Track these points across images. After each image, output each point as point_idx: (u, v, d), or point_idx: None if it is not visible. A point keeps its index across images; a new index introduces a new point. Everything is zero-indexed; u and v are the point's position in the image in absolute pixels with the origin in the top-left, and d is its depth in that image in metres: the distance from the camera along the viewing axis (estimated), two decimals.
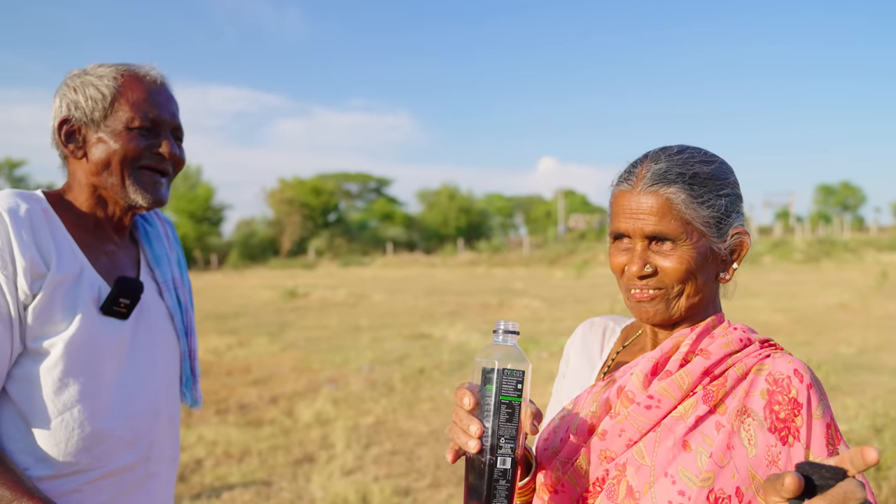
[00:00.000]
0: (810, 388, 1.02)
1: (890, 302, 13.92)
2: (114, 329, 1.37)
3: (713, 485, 0.98)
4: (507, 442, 0.97)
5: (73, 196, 1.44)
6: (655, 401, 1.04)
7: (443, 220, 54.84)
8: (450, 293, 18.71)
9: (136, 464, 1.41)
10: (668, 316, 1.10)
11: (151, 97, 1.43)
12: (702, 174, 1.08)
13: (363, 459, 5.16)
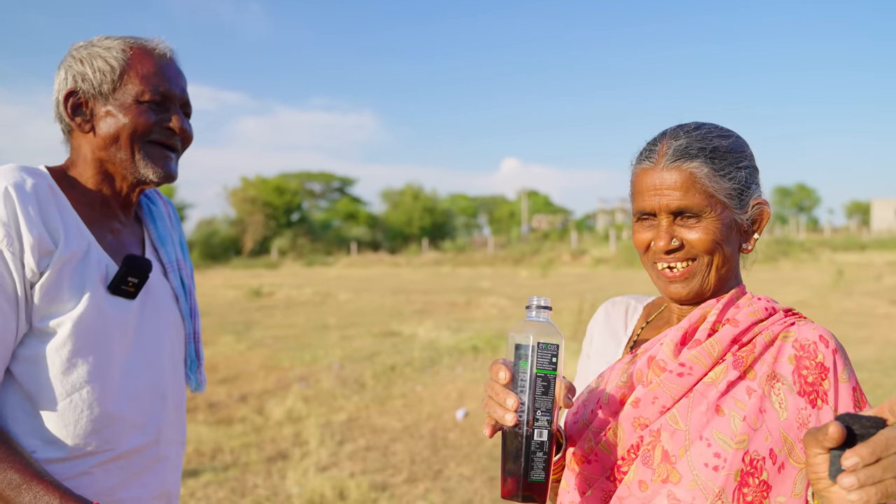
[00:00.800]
0: (835, 353, 1.05)
1: (846, 299, 14.30)
2: (121, 309, 1.34)
3: (748, 447, 1.00)
4: (544, 415, 0.98)
5: (77, 172, 1.40)
6: (687, 368, 1.05)
7: (407, 220, 54.68)
8: (416, 292, 18.68)
9: (146, 447, 1.38)
10: (700, 292, 1.12)
11: (161, 71, 1.39)
12: (721, 148, 1.11)
13: (338, 456, 5.13)
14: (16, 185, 1.23)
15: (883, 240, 39.70)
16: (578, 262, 31.63)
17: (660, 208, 1.11)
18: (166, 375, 1.43)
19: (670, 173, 1.10)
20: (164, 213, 1.56)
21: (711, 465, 1.00)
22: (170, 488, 1.45)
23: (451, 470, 4.82)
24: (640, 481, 1.04)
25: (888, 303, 13.59)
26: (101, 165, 1.39)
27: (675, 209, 1.10)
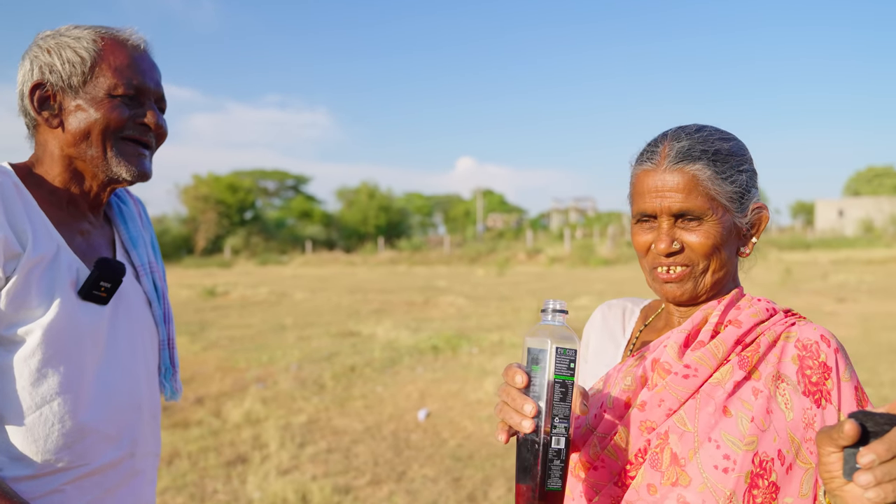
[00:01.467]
0: (837, 353, 1.05)
1: (795, 297, 14.69)
2: (93, 315, 1.26)
3: (757, 448, 0.99)
4: (561, 421, 0.95)
5: (43, 170, 1.31)
6: (692, 370, 1.04)
7: (362, 219, 54.33)
8: (373, 291, 18.56)
9: (121, 460, 1.30)
10: (695, 294, 1.11)
11: (135, 63, 1.31)
12: (723, 151, 1.10)
13: (299, 459, 5.04)
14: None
15: (826, 239, 41.02)
16: (534, 260, 31.86)
17: (661, 210, 1.09)
18: (141, 384, 1.36)
19: (673, 175, 1.08)
20: (134, 214, 1.48)
21: (721, 468, 0.99)
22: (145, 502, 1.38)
23: (414, 471, 4.78)
24: (648, 485, 1.02)
25: (834, 300, 14.01)
26: (70, 163, 1.30)
27: (676, 211, 1.08)
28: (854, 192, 68.41)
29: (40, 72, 1.29)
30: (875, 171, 68.64)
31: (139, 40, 1.35)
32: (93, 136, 1.28)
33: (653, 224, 1.12)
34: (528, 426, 0.93)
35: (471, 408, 6.24)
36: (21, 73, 1.31)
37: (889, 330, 10.25)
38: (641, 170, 1.13)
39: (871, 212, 52.46)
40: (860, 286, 17.03)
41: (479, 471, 4.74)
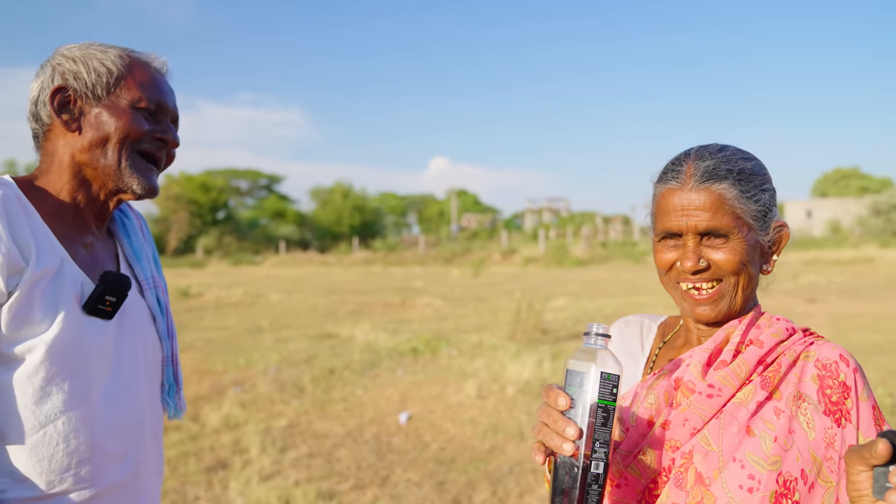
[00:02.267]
0: (856, 373, 1.07)
1: (768, 298, 14.78)
2: (98, 330, 1.23)
3: (780, 468, 1.00)
4: (602, 446, 0.95)
5: (48, 180, 1.29)
6: (716, 389, 1.05)
7: (336, 219, 54.09)
8: (349, 292, 18.49)
9: (126, 481, 1.28)
10: (728, 313, 1.12)
11: (157, 82, 1.36)
12: (747, 170, 1.12)
13: (280, 463, 4.99)
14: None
15: (796, 239, 41.18)
16: (509, 261, 31.98)
17: (687, 229, 1.10)
18: (143, 402, 1.33)
19: (699, 194, 1.09)
20: (136, 227, 1.46)
21: (746, 487, 1.00)
22: None
23: (398, 476, 4.76)
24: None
25: (805, 301, 14.26)
26: (80, 170, 1.29)
27: (703, 230, 1.09)
28: (821, 193, 69.61)
29: (63, 78, 1.29)
30: (842, 172, 69.94)
31: (162, 64, 1.39)
32: (110, 143, 1.28)
33: (677, 242, 1.13)
34: (569, 449, 0.93)
35: (452, 410, 6.24)
36: (39, 80, 1.31)
37: (860, 330, 10.45)
38: (666, 188, 1.13)
39: (839, 213, 53.48)
40: (830, 287, 17.35)
41: (462, 475, 4.74)
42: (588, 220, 58.62)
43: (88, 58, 1.29)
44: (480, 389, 6.78)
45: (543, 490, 4.44)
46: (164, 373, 1.42)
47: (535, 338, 9.61)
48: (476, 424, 5.80)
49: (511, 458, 5.05)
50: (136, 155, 1.31)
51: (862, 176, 68.57)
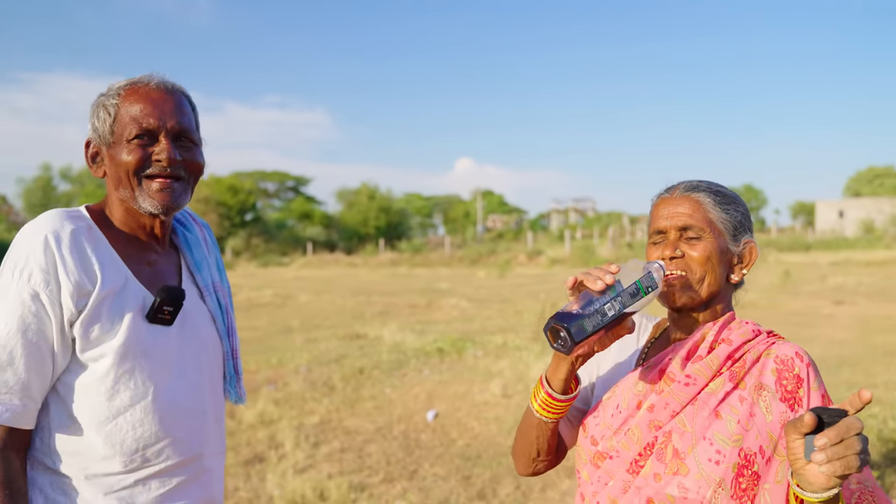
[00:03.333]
0: (809, 367, 1.28)
1: (793, 299, 14.89)
2: (160, 335, 1.45)
3: (742, 444, 1.21)
4: (622, 302, 1.18)
5: (110, 211, 1.51)
6: (692, 379, 1.27)
7: (362, 220, 54.44)
8: (376, 293, 18.76)
9: (190, 461, 1.50)
10: (692, 297, 1.34)
11: (148, 106, 1.45)
12: (723, 191, 1.39)
13: (314, 458, 5.23)
14: (54, 233, 1.35)
15: (826, 240, 41.19)
16: (534, 262, 32.05)
17: (670, 226, 1.36)
18: (205, 393, 1.55)
19: (681, 201, 1.37)
20: (198, 238, 1.66)
21: (714, 461, 1.21)
22: (214, 496, 1.57)
23: (425, 470, 4.98)
24: (655, 474, 1.25)
25: (832, 303, 14.21)
26: (123, 203, 1.49)
27: (681, 226, 1.35)
28: (854, 192, 68.58)
29: (89, 131, 1.50)
30: (875, 171, 68.83)
31: (157, 84, 1.48)
32: (122, 179, 1.46)
33: (663, 238, 1.38)
34: (600, 285, 1.18)
35: (477, 409, 6.44)
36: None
37: (885, 332, 10.45)
38: (659, 199, 1.42)
39: (872, 212, 52.62)
40: (858, 288, 17.23)
41: (487, 469, 4.94)
42: (614, 221, 58.42)
43: (98, 107, 1.48)
44: (505, 389, 6.97)
45: (565, 485, 4.63)
46: (226, 366, 1.64)
47: None
48: (501, 422, 5.99)
49: None
50: (145, 179, 1.45)
51: None
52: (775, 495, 1.21)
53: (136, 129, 1.43)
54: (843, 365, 8.12)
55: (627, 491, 1.27)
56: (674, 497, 1.22)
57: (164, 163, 1.44)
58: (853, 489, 1.22)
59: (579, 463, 1.39)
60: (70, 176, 56.10)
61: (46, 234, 1.34)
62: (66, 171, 56.18)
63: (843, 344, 9.61)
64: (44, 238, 1.34)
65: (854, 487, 1.22)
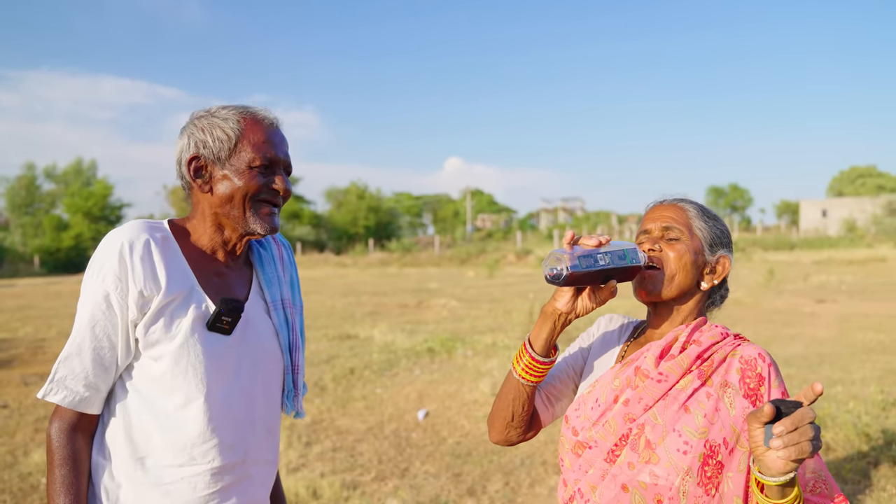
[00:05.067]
0: (770, 367, 1.40)
1: (777, 298, 15.11)
2: (218, 343, 1.54)
3: (708, 436, 1.35)
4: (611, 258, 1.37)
5: (194, 224, 1.61)
6: (664, 376, 1.41)
7: (352, 220, 54.41)
8: (366, 294, 18.85)
9: (234, 465, 1.58)
10: (659, 293, 1.49)
11: (269, 138, 1.59)
12: (707, 209, 1.55)
13: (306, 457, 5.33)
14: (129, 242, 1.47)
15: (810, 239, 41.66)
16: (524, 262, 32.21)
17: (655, 227, 1.52)
18: (258, 403, 1.62)
19: (668, 207, 1.54)
20: (274, 257, 1.75)
21: (681, 451, 1.34)
22: (255, 502, 1.65)
23: (416, 468, 5.09)
24: (629, 462, 1.38)
25: (814, 301, 14.45)
26: (216, 218, 1.59)
27: (664, 226, 1.50)
28: (837, 192, 69.22)
29: (195, 147, 1.57)
30: (858, 171, 69.49)
31: (273, 119, 1.63)
32: (235, 199, 1.56)
33: (648, 237, 1.53)
34: (594, 241, 1.37)
35: (468, 408, 6.55)
36: (180, 146, 1.61)
37: (864, 330, 10.66)
38: (650, 206, 1.58)
39: (854, 212, 53.20)
40: (840, 287, 17.50)
41: (477, 467, 5.06)
42: (603, 220, 58.75)
43: (213, 126, 1.57)
44: (494, 388, 7.09)
45: (553, 480, 4.77)
46: (285, 380, 1.71)
47: None
48: None
49: (522, 451, 5.36)
50: (257, 203, 1.58)
51: (879, 174, 68.02)
52: (737, 482, 1.33)
53: (261, 160, 1.56)
54: (824, 362, 8.31)
55: (605, 478, 1.40)
56: (645, 483, 1.35)
57: (281, 194, 1.61)
58: (808, 478, 1.35)
59: (562, 451, 1.52)
60: (54, 175, 55.77)
61: (122, 242, 1.47)
62: (51, 169, 55.83)
63: (823, 341, 9.81)
64: (120, 245, 1.46)
65: (809, 476, 1.35)
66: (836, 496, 1.34)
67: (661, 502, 1.34)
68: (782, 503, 1.19)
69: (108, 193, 50.42)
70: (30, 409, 6.79)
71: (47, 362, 9.28)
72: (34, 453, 5.37)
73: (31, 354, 9.96)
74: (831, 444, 5.09)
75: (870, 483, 4.47)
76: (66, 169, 55.68)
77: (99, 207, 48.79)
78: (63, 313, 14.99)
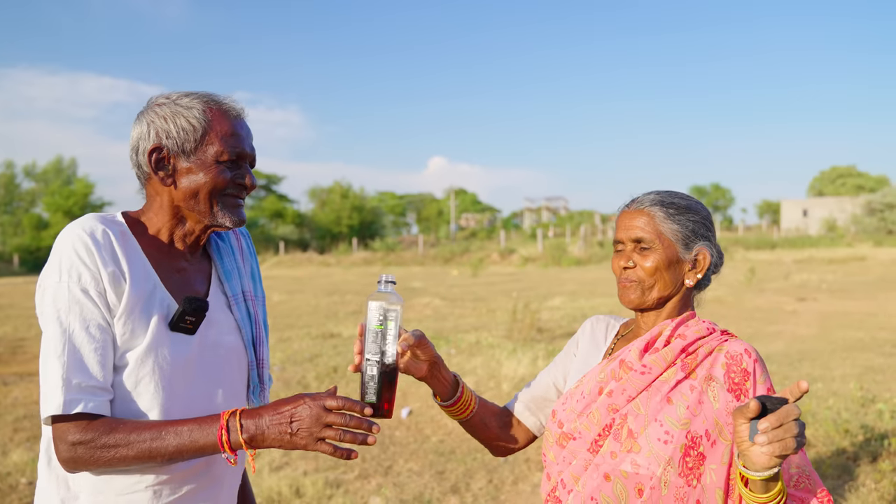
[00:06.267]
0: (756, 363, 1.41)
1: (759, 296, 15.25)
2: (181, 344, 1.47)
3: (689, 427, 1.35)
4: (374, 355, 1.42)
5: (149, 217, 1.54)
6: (648, 368, 1.41)
7: (335, 219, 54.23)
8: (350, 293, 18.81)
9: (199, 469, 1.51)
10: (642, 301, 1.51)
11: (236, 131, 1.53)
12: (676, 203, 1.52)
13: (289, 455, 5.29)
14: (91, 234, 1.39)
15: (791, 238, 42.06)
16: (507, 261, 32.27)
17: (626, 238, 1.51)
18: (221, 402, 1.55)
19: (636, 214, 1.51)
20: (233, 247, 1.69)
21: (663, 440, 1.35)
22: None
23: (400, 466, 5.08)
24: (611, 452, 1.39)
25: (795, 300, 14.59)
26: (178, 211, 1.52)
27: (635, 238, 1.50)
28: (818, 192, 69.95)
29: (157, 136, 1.48)
30: (838, 171, 70.27)
31: (240, 110, 1.56)
32: (201, 195, 1.50)
33: (622, 248, 1.53)
34: (356, 360, 1.45)
35: None
36: (136, 134, 1.51)
37: (844, 328, 10.79)
38: (621, 211, 1.57)
39: (835, 211, 53.80)
40: (820, 285, 17.70)
41: (460, 464, 5.07)
42: (586, 219, 58.98)
43: (176, 115, 1.48)
44: (478, 386, 7.10)
45: (536, 477, 4.77)
46: (250, 375, 1.65)
47: (531, 336, 9.94)
48: None
49: None
50: (223, 197, 1.51)
51: (858, 174, 68.84)
52: (720, 475, 1.34)
53: (229, 155, 1.50)
54: (805, 359, 8.39)
55: (588, 468, 1.41)
56: (627, 472, 1.36)
57: (247, 189, 1.56)
58: (792, 473, 1.36)
59: (546, 446, 1.52)
60: (34, 173, 55.17)
61: (86, 236, 1.38)
62: (30, 168, 55.21)
63: (804, 339, 9.91)
64: (84, 239, 1.38)
65: (793, 472, 1.36)
66: (819, 491, 1.34)
67: (642, 492, 1.35)
68: (766, 497, 1.20)
69: (89, 192, 49.96)
70: (8, 409, 6.71)
71: (27, 362, 9.18)
72: (13, 453, 5.30)
73: (11, 354, 9.85)
74: (812, 440, 5.14)
75: (850, 478, 4.52)
76: (46, 167, 55.05)
77: (80, 206, 48.26)
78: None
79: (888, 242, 37.06)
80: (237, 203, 1.56)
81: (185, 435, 1.35)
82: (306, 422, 1.31)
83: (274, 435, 1.33)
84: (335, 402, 1.32)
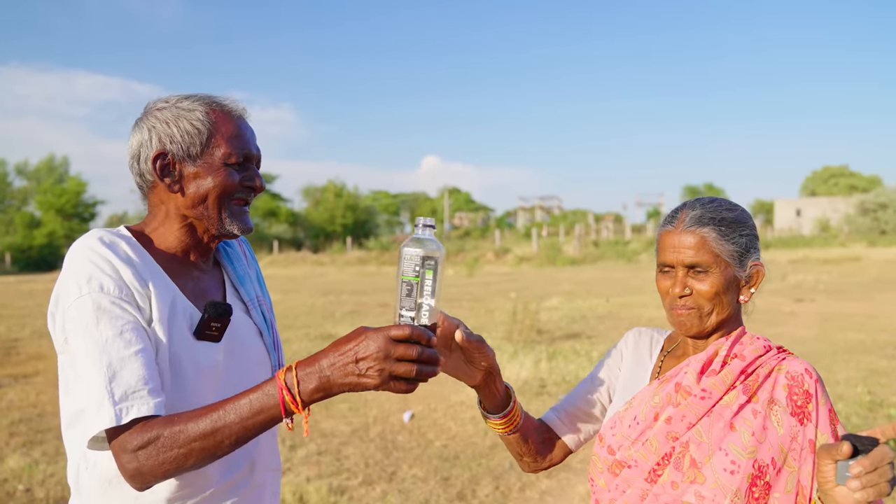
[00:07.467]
0: (817, 383, 1.34)
1: (756, 297, 15.12)
2: (209, 351, 1.40)
3: (756, 456, 1.28)
4: (409, 311, 1.20)
5: (155, 227, 1.46)
6: (707, 393, 1.33)
7: (329, 218, 54.05)
8: (346, 293, 18.71)
9: (241, 478, 1.45)
10: (701, 329, 1.40)
11: (242, 132, 1.47)
12: (728, 218, 1.40)
13: (291, 461, 5.22)
14: (110, 246, 1.32)
15: (785, 238, 42.19)
16: (502, 260, 32.23)
17: (677, 262, 1.39)
18: None
19: (687, 235, 1.38)
20: (239, 253, 1.63)
21: (729, 471, 1.27)
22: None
23: (404, 472, 5.00)
24: (672, 482, 1.31)
25: (793, 301, 14.58)
26: (185, 220, 1.45)
27: (688, 263, 1.37)
28: (811, 192, 70.22)
29: (160, 142, 1.41)
30: (830, 171, 70.55)
31: (242, 110, 1.50)
32: (209, 200, 1.42)
33: (671, 272, 1.41)
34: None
35: (453, 409, 6.48)
36: (137, 140, 1.44)
37: (845, 330, 10.76)
38: (664, 230, 1.43)
39: (827, 211, 54.00)
40: (817, 286, 17.70)
41: (466, 470, 4.99)
42: (580, 219, 59.04)
43: (179, 119, 1.41)
44: None
45: (543, 485, 4.70)
46: None
47: (531, 338, 9.87)
48: (477, 422, 6.04)
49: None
50: (231, 204, 1.45)
51: (851, 174, 69.13)
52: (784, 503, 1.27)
53: (237, 157, 1.43)
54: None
55: (645, 498, 1.33)
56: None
57: (256, 191, 1.48)
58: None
59: (594, 471, 1.44)
60: (26, 172, 54.85)
61: (100, 246, 1.31)
62: (22, 166, 54.90)
63: (805, 341, 9.87)
64: (98, 249, 1.31)
65: None
66: None
67: None
68: None
69: (82, 190, 49.71)
70: (4, 413, 6.60)
71: (21, 363, 9.05)
72: (9, 459, 5.20)
73: (4, 355, 9.71)
74: None
75: None
76: (38, 165, 54.79)
77: (72, 205, 48.05)
78: (36, 313, 14.66)
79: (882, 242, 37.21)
80: (243, 210, 1.49)
81: (245, 407, 1.20)
82: (374, 358, 1.14)
83: (339, 378, 1.16)
84: (401, 330, 1.15)
